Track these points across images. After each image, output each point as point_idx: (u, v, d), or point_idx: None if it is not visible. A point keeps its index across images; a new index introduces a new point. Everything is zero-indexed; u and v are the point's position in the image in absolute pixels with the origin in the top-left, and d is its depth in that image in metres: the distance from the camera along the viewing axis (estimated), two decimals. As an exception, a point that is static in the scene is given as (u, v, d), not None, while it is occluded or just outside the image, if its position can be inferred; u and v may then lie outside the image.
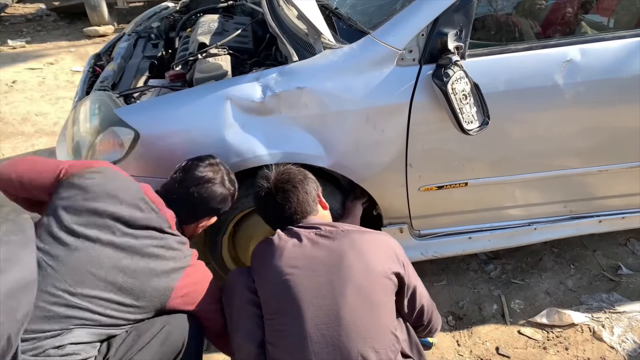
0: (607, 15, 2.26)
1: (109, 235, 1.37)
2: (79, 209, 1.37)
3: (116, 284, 1.34)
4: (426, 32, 1.68)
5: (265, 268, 1.43)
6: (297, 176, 1.57)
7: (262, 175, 1.58)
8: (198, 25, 2.48)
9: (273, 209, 1.54)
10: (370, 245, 1.43)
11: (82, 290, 1.30)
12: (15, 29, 5.94)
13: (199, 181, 1.55)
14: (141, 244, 1.40)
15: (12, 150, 3.41)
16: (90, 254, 1.33)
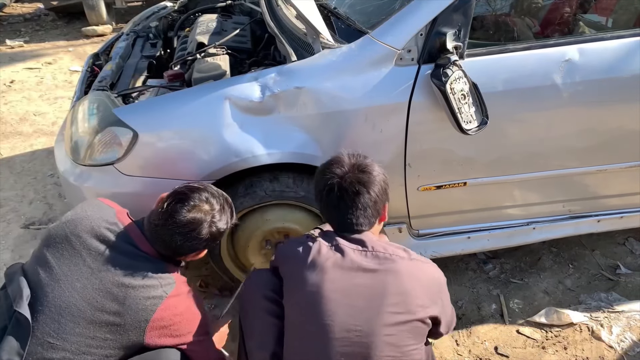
0: (606, 14, 2.26)
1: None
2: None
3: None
4: (425, 32, 1.68)
5: (299, 282, 1.34)
6: (375, 178, 1.40)
7: (336, 157, 1.44)
8: (196, 24, 2.47)
9: (334, 207, 1.39)
10: (415, 283, 1.32)
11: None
12: (13, 29, 5.92)
13: (181, 227, 1.39)
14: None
15: (10, 150, 3.40)
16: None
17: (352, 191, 1.37)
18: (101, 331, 1.31)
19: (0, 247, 2.55)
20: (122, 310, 1.32)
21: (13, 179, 3.09)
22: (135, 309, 1.32)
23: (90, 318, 1.30)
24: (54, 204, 2.85)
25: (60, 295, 1.31)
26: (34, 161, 3.27)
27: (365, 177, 1.38)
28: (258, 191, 1.82)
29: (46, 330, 1.28)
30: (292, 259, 1.41)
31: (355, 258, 1.33)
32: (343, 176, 1.38)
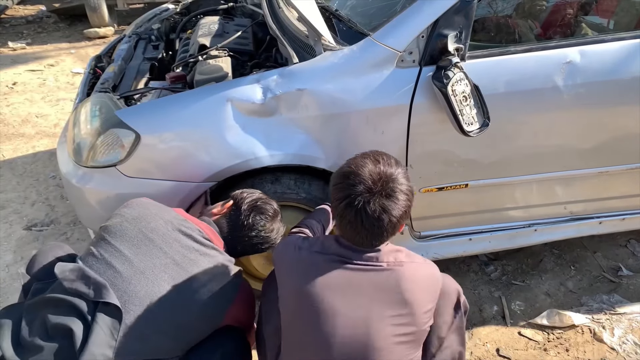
0: (607, 16, 2.26)
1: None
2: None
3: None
4: (426, 34, 1.69)
5: (294, 289, 1.30)
6: (403, 194, 1.24)
7: (360, 163, 1.26)
8: (198, 27, 2.48)
9: (350, 223, 1.25)
10: (422, 292, 1.28)
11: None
12: (15, 31, 5.94)
13: (256, 237, 1.60)
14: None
15: (12, 151, 3.41)
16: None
17: (373, 217, 1.22)
18: (190, 318, 1.36)
19: (3, 248, 2.55)
20: (209, 296, 1.38)
21: (15, 180, 3.09)
22: (221, 294, 1.40)
23: (181, 307, 1.34)
24: (56, 205, 2.86)
25: (150, 287, 1.32)
26: (36, 163, 3.28)
27: (389, 203, 1.23)
28: (260, 193, 1.82)
29: (140, 320, 1.29)
30: (284, 264, 1.36)
31: (356, 266, 1.27)
32: (368, 197, 1.22)
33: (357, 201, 1.22)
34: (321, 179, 1.91)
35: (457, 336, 1.44)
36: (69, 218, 2.75)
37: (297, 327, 1.30)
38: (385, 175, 1.24)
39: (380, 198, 1.22)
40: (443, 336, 1.41)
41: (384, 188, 1.23)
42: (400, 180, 1.25)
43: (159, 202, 1.54)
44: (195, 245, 1.43)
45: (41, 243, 2.57)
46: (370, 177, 1.23)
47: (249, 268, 2.08)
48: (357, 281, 1.26)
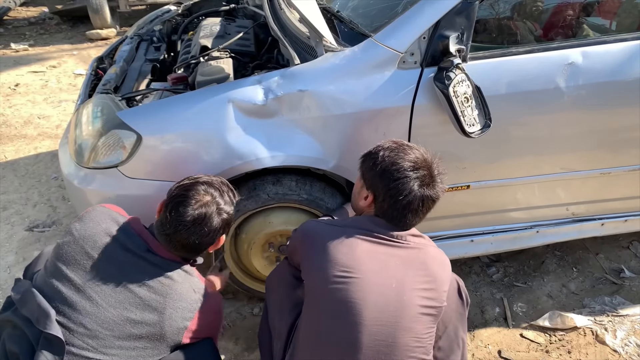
0: (609, 18, 2.25)
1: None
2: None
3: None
4: (428, 35, 1.69)
5: (324, 260, 1.34)
6: (442, 188, 1.43)
7: (420, 160, 1.41)
8: (200, 28, 2.48)
9: (401, 209, 1.38)
10: (443, 273, 1.39)
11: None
12: (18, 32, 5.95)
13: (193, 227, 1.39)
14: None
15: (15, 153, 3.42)
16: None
17: (428, 204, 1.41)
18: (141, 341, 1.32)
19: (4, 249, 2.56)
20: (161, 320, 1.33)
21: (17, 181, 3.10)
22: (175, 317, 1.35)
23: (130, 331, 1.31)
24: (57, 206, 2.86)
25: (96, 312, 1.30)
26: (38, 164, 3.28)
27: (439, 189, 1.42)
28: (261, 194, 1.82)
29: (84, 346, 1.27)
30: (316, 239, 1.40)
31: (387, 242, 1.37)
32: (425, 188, 1.38)
33: (420, 194, 1.37)
34: (322, 180, 1.91)
35: (460, 323, 1.51)
36: (71, 219, 2.75)
37: (329, 296, 1.32)
38: (427, 162, 1.42)
39: (434, 189, 1.40)
40: (447, 320, 1.47)
41: (433, 177, 1.40)
42: (438, 168, 1.44)
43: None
44: (141, 264, 1.37)
45: (43, 244, 2.57)
46: (421, 165, 1.40)
47: (250, 269, 2.08)
48: (389, 255, 1.35)
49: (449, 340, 1.48)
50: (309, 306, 1.39)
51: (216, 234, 1.45)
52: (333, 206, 1.87)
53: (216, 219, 1.42)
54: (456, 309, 1.49)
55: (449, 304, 1.44)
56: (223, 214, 1.44)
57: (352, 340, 1.28)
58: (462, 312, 1.51)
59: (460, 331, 1.51)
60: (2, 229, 2.69)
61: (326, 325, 1.33)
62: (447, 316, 1.45)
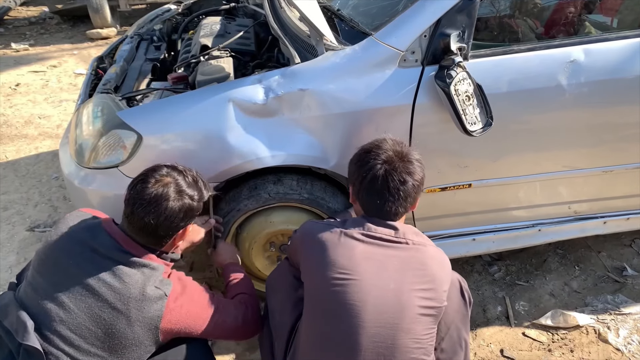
0: (611, 15, 2.24)
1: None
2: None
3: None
4: (429, 34, 1.68)
5: (323, 262, 1.35)
6: (418, 170, 1.42)
7: (378, 141, 1.44)
8: (200, 27, 2.48)
9: (376, 193, 1.39)
10: (442, 273, 1.38)
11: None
12: (18, 32, 5.95)
13: (149, 205, 1.35)
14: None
15: (15, 153, 3.42)
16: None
17: (399, 180, 1.38)
18: (118, 346, 1.31)
19: (5, 249, 2.56)
20: (128, 323, 1.31)
21: (18, 181, 3.10)
22: (142, 319, 1.32)
23: (102, 336, 1.30)
24: (58, 206, 2.86)
25: (68, 318, 1.29)
26: (38, 164, 3.28)
27: (411, 167, 1.40)
28: (262, 193, 1.82)
29: (62, 355, 1.27)
30: (314, 240, 1.40)
31: (386, 243, 1.36)
32: (391, 163, 1.39)
33: (383, 170, 1.38)
34: (323, 180, 1.90)
35: (462, 324, 1.50)
36: (72, 219, 2.75)
37: (328, 298, 1.33)
38: (402, 145, 1.44)
39: (403, 162, 1.39)
40: (450, 321, 1.47)
41: (403, 156, 1.41)
42: (414, 153, 1.45)
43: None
44: (106, 263, 1.34)
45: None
46: (392, 148, 1.42)
47: (251, 268, 2.08)
48: (387, 256, 1.35)
49: (451, 342, 1.47)
50: (309, 308, 1.38)
51: (174, 218, 1.37)
52: (334, 205, 1.87)
53: (175, 202, 1.36)
54: (459, 310, 1.48)
55: (451, 304, 1.44)
56: (184, 198, 1.39)
57: (352, 343, 1.27)
58: (464, 313, 1.51)
59: (463, 332, 1.51)
60: (3, 229, 2.69)
61: (325, 328, 1.32)
62: (449, 317, 1.45)
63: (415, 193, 1.41)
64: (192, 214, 1.43)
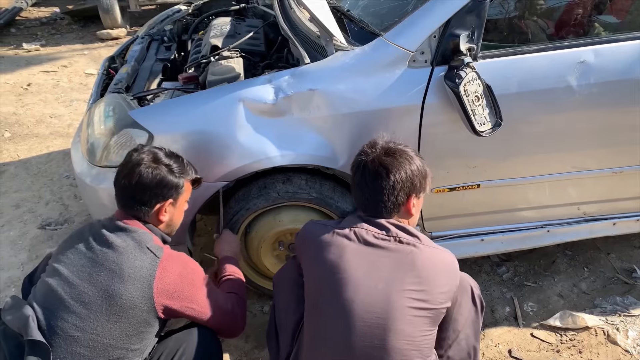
0: (621, 16, 2.23)
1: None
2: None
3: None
4: (438, 34, 1.68)
5: (318, 260, 1.38)
6: (398, 164, 1.40)
7: (372, 141, 1.47)
8: (210, 28, 2.49)
9: (357, 185, 1.44)
10: (439, 274, 1.35)
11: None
12: (30, 33, 6.01)
13: (125, 169, 1.47)
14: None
15: (27, 151, 3.45)
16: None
17: (372, 171, 1.40)
18: (116, 314, 1.34)
19: (18, 247, 2.59)
20: (124, 281, 1.35)
21: (30, 180, 3.13)
22: (135, 276, 1.36)
23: (100, 299, 1.34)
24: (69, 205, 2.89)
25: (75, 291, 1.35)
26: (50, 163, 3.32)
27: (388, 160, 1.40)
28: (271, 192, 1.83)
29: (71, 327, 1.32)
30: (311, 240, 1.44)
31: (378, 242, 1.36)
32: (375, 158, 1.41)
33: (362, 161, 1.42)
34: (332, 180, 1.91)
35: (472, 331, 1.48)
36: (83, 217, 2.78)
37: (321, 297, 1.35)
38: (391, 145, 1.44)
39: (380, 155, 1.41)
40: (459, 329, 1.45)
41: (386, 150, 1.42)
42: (406, 152, 1.43)
43: None
44: (103, 233, 1.41)
45: (55, 242, 2.60)
46: (379, 145, 1.44)
47: (260, 267, 2.09)
48: (379, 256, 1.34)
49: (459, 349, 1.46)
50: (308, 306, 1.40)
51: (148, 183, 1.44)
52: (343, 205, 1.88)
53: (148, 168, 1.45)
54: (468, 316, 1.46)
55: (461, 310, 1.42)
56: (160, 166, 1.47)
57: (344, 341, 1.28)
58: (475, 319, 1.48)
59: (472, 339, 1.48)
60: (15, 227, 2.72)
61: (320, 325, 1.35)
62: (458, 324, 1.43)
63: (393, 189, 1.38)
64: (170, 186, 1.48)
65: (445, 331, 1.43)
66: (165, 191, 1.48)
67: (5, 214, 2.82)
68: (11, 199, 2.95)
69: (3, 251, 2.55)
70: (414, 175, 1.41)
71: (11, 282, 2.37)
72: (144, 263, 1.38)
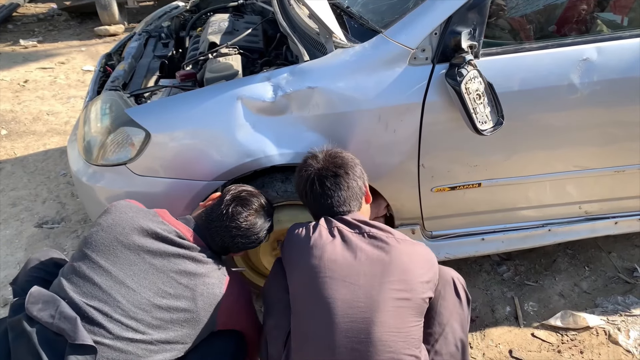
0: (623, 13, 2.21)
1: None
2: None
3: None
4: (439, 31, 1.66)
5: (299, 265, 1.41)
6: (349, 161, 1.52)
7: (310, 155, 1.55)
8: (208, 24, 2.47)
9: (320, 195, 1.49)
10: (415, 264, 1.38)
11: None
12: (27, 29, 5.97)
13: (246, 231, 1.52)
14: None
15: (24, 149, 3.43)
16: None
17: (331, 174, 1.48)
18: (177, 322, 1.36)
19: (14, 246, 2.57)
20: (193, 297, 1.38)
21: (27, 178, 3.11)
22: (207, 294, 1.40)
23: (164, 312, 1.35)
24: (66, 203, 2.87)
25: (131, 295, 1.33)
26: (47, 160, 3.29)
27: (339, 161, 1.51)
28: (270, 191, 1.81)
29: (123, 328, 1.30)
30: (292, 245, 1.46)
31: (353, 239, 1.39)
32: (321, 164, 1.50)
33: (314, 173, 1.49)
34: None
35: (458, 324, 1.48)
36: (80, 216, 2.76)
37: (304, 299, 1.37)
38: (329, 151, 1.55)
39: (328, 160, 1.51)
40: (444, 322, 1.45)
41: (329, 155, 1.52)
42: (342, 152, 1.55)
43: (169, 200, 1.56)
44: (172, 249, 1.41)
45: (52, 241, 2.58)
46: (320, 156, 1.53)
47: (259, 266, 2.07)
48: (353, 252, 1.37)
49: (446, 343, 1.44)
50: (294, 309, 1.40)
51: (255, 244, 1.56)
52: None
53: (262, 233, 1.56)
54: (453, 309, 1.46)
55: (444, 303, 1.44)
56: (257, 234, 1.55)
57: (328, 340, 1.28)
58: (460, 312, 1.48)
59: (459, 332, 1.47)
60: (12, 225, 2.70)
61: (304, 328, 1.35)
62: (443, 317, 1.44)
63: (356, 181, 1.50)
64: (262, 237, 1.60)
65: (431, 326, 1.44)
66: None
67: (2, 213, 2.79)
68: (8, 197, 2.93)
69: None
70: (356, 163, 1.55)
71: (7, 281, 2.35)
72: (215, 284, 1.43)
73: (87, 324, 1.28)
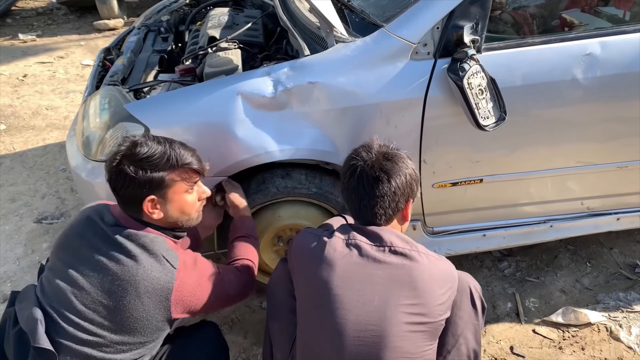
0: (626, 8, 2.20)
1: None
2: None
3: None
4: (441, 25, 1.64)
5: (309, 276, 1.32)
6: (399, 170, 1.33)
7: (367, 143, 1.38)
8: (208, 18, 2.45)
9: (352, 190, 1.34)
10: (434, 283, 1.28)
11: None
12: (26, 23, 5.94)
13: (109, 167, 1.35)
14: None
15: (23, 144, 3.42)
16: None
17: (372, 176, 1.31)
18: (129, 319, 1.31)
19: (14, 241, 2.56)
20: (139, 295, 1.30)
21: (26, 173, 3.10)
22: (152, 290, 1.30)
23: (113, 310, 1.30)
24: (66, 198, 2.86)
25: (83, 295, 1.30)
26: (46, 155, 3.28)
27: (388, 165, 1.32)
28: (270, 187, 1.80)
29: (78, 333, 1.29)
30: (302, 253, 1.38)
31: (372, 253, 1.28)
32: (367, 160, 1.33)
33: (359, 166, 1.33)
34: (332, 174, 1.88)
35: (472, 334, 1.42)
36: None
37: (312, 314, 1.31)
38: (388, 149, 1.37)
39: (379, 159, 1.33)
40: (458, 333, 1.39)
41: (385, 155, 1.34)
42: (402, 157, 1.36)
43: None
44: (110, 239, 1.34)
45: (52, 236, 2.57)
46: (375, 149, 1.36)
47: (260, 263, 2.06)
48: (373, 269, 1.27)
49: (459, 355, 1.39)
50: (300, 321, 1.35)
51: (124, 187, 1.33)
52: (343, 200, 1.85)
53: (113, 169, 1.34)
54: (469, 320, 1.40)
55: (460, 314, 1.37)
56: (125, 167, 1.33)
57: None
58: (475, 323, 1.41)
59: (473, 343, 1.42)
60: (11, 221, 2.69)
61: (314, 343, 1.29)
62: (457, 328, 1.38)
63: (394, 195, 1.31)
64: (142, 183, 1.34)
65: (444, 336, 1.37)
66: (138, 191, 1.33)
67: (1, 208, 2.78)
68: (7, 192, 2.92)
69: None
70: (412, 179, 1.36)
71: (7, 277, 2.34)
72: (161, 275, 1.32)
73: (52, 326, 1.28)
